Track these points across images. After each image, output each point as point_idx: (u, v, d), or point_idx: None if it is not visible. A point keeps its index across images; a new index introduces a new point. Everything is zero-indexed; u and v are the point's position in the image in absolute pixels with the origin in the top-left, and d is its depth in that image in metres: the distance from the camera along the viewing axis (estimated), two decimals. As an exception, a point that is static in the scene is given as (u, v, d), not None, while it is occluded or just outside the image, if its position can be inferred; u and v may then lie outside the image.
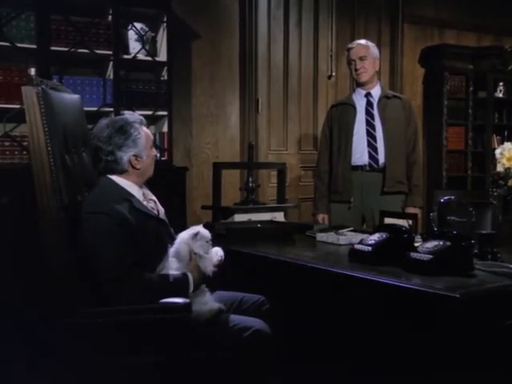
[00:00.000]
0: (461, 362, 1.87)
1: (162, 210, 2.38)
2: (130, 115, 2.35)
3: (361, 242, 2.37)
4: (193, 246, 2.19)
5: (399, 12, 5.57)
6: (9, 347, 2.90)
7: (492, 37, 6.17)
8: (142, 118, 2.32)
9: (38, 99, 2.04)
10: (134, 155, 2.24)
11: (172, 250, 2.20)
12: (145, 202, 2.27)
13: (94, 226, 2.09)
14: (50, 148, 2.04)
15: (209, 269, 2.20)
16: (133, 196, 2.22)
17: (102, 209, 2.10)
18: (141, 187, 2.31)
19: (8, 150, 3.65)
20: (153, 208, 2.31)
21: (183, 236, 2.22)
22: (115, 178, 2.24)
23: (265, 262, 2.53)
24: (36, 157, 2.04)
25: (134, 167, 2.25)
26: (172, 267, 2.17)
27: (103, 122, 2.28)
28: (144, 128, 2.30)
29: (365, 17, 5.45)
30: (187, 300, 2.03)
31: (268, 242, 2.70)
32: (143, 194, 2.30)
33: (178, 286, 2.13)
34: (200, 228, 2.23)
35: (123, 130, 2.22)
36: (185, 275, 2.16)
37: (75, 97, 2.48)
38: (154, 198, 2.38)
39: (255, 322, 2.21)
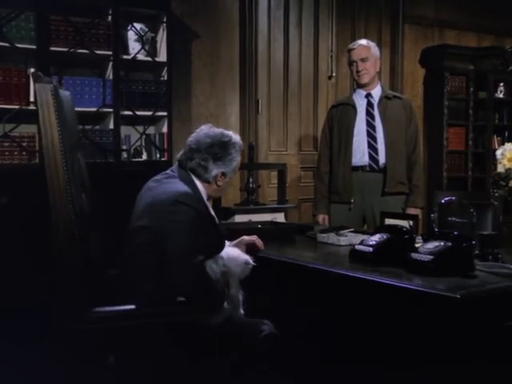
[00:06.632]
0: (461, 363, 1.87)
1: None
2: (235, 135, 2.40)
3: (361, 243, 2.36)
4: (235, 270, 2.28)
5: (399, 12, 5.56)
6: (12, 348, 2.90)
7: (492, 37, 6.16)
8: (242, 144, 2.41)
9: (52, 97, 1.99)
10: (222, 172, 2.32)
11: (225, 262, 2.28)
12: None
13: (177, 213, 2.14)
14: (61, 148, 2.00)
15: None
16: (206, 204, 2.34)
17: (190, 202, 2.18)
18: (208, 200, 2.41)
19: (7, 151, 3.64)
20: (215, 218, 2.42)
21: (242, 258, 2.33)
22: (197, 181, 2.32)
23: (265, 263, 2.52)
24: (49, 157, 1.99)
25: (216, 182, 2.33)
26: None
27: (209, 130, 2.36)
28: (240, 154, 2.39)
29: (365, 17, 5.44)
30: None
31: (268, 243, 2.69)
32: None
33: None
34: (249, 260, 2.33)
35: (225, 147, 2.32)
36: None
37: (67, 93, 2.43)
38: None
39: (266, 323, 2.25)
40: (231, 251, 2.34)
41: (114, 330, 2.00)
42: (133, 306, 2.06)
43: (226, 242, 2.49)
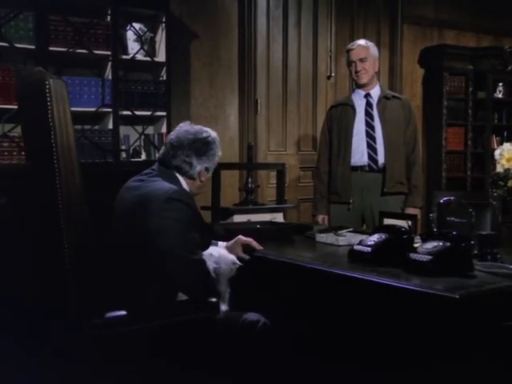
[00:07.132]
0: (460, 363, 1.87)
1: None
2: (213, 131, 2.44)
3: (360, 243, 2.36)
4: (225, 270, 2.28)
5: (398, 12, 5.56)
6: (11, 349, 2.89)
7: (491, 37, 6.17)
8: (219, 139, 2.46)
9: (66, 93, 1.90)
10: (206, 167, 2.37)
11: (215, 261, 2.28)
12: None
13: (171, 211, 2.15)
14: (75, 146, 1.93)
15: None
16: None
17: (183, 198, 2.21)
18: None
19: (6, 151, 3.64)
20: None
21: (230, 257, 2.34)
22: (181, 179, 2.35)
23: (264, 263, 2.52)
24: (65, 156, 1.88)
25: (200, 178, 2.37)
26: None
27: (189, 127, 2.37)
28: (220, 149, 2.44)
29: (364, 17, 5.45)
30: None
31: (267, 243, 2.69)
32: None
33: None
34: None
35: (207, 143, 2.36)
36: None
37: None
38: None
39: (257, 316, 2.28)
40: (220, 250, 2.35)
41: (127, 335, 1.98)
42: (145, 309, 2.07)
43: (222, 242, 2.49)
